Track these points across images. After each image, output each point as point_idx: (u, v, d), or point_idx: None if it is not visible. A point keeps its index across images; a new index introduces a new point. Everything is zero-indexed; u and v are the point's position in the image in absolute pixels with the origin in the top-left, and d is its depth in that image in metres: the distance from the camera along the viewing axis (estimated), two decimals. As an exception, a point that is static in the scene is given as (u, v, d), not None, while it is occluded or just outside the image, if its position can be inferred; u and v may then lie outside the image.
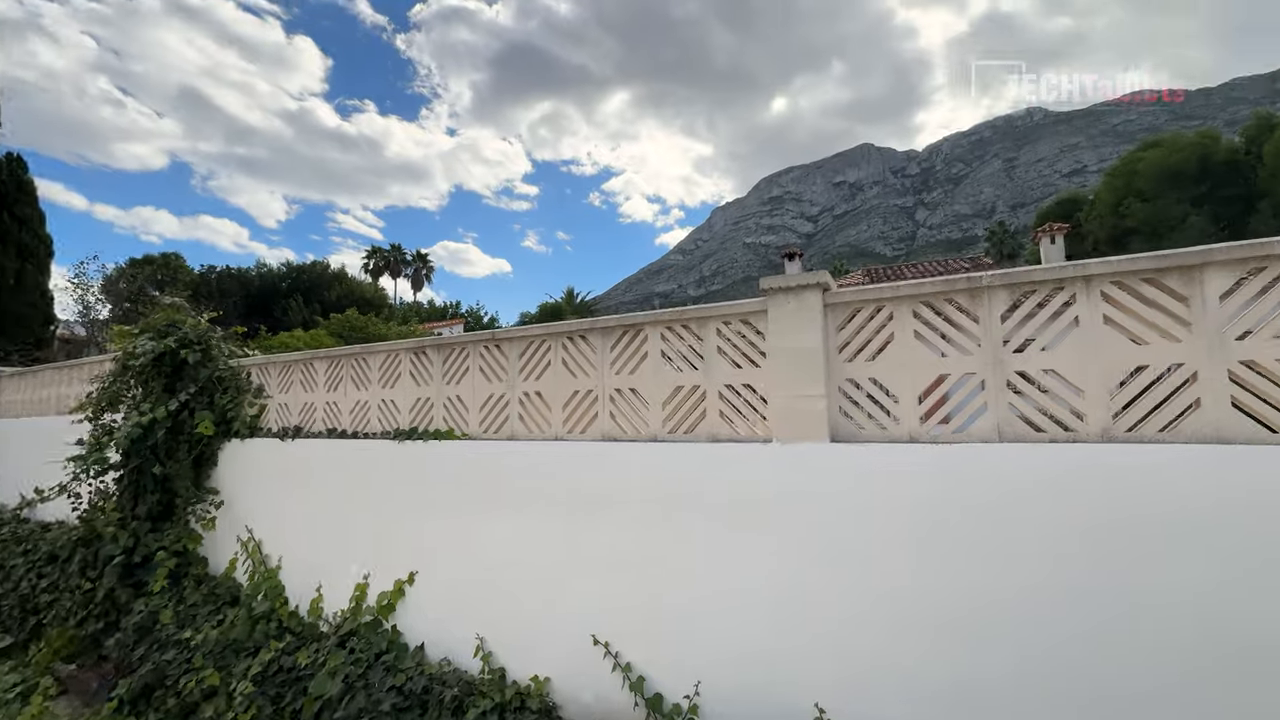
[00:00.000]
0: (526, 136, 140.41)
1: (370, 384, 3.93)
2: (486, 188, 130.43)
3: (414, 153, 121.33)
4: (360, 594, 3.56)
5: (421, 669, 3.10)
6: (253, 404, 4.63)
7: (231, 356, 5.00)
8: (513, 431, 3.25)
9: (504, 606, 3.05)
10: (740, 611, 2.40)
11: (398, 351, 3.80)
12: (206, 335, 4.92)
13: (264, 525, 4.24)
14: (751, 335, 2.60)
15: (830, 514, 2.25)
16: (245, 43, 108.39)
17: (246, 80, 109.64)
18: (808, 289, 2.41)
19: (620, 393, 2.93)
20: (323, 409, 4.21)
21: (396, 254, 58.78)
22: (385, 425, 3.81)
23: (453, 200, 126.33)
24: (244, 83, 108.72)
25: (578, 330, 3.08)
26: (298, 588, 3.92)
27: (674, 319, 2.78)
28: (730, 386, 2.63)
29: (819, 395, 2.34)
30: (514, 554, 3.04)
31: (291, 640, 3.54)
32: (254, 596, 4.01)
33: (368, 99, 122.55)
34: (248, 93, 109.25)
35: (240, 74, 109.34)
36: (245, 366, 4.82)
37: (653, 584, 2.62)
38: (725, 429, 2.62)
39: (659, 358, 2.83)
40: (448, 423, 3.52)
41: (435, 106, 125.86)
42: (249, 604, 3.98)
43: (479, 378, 3.41)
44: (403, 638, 3.38)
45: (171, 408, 4.48)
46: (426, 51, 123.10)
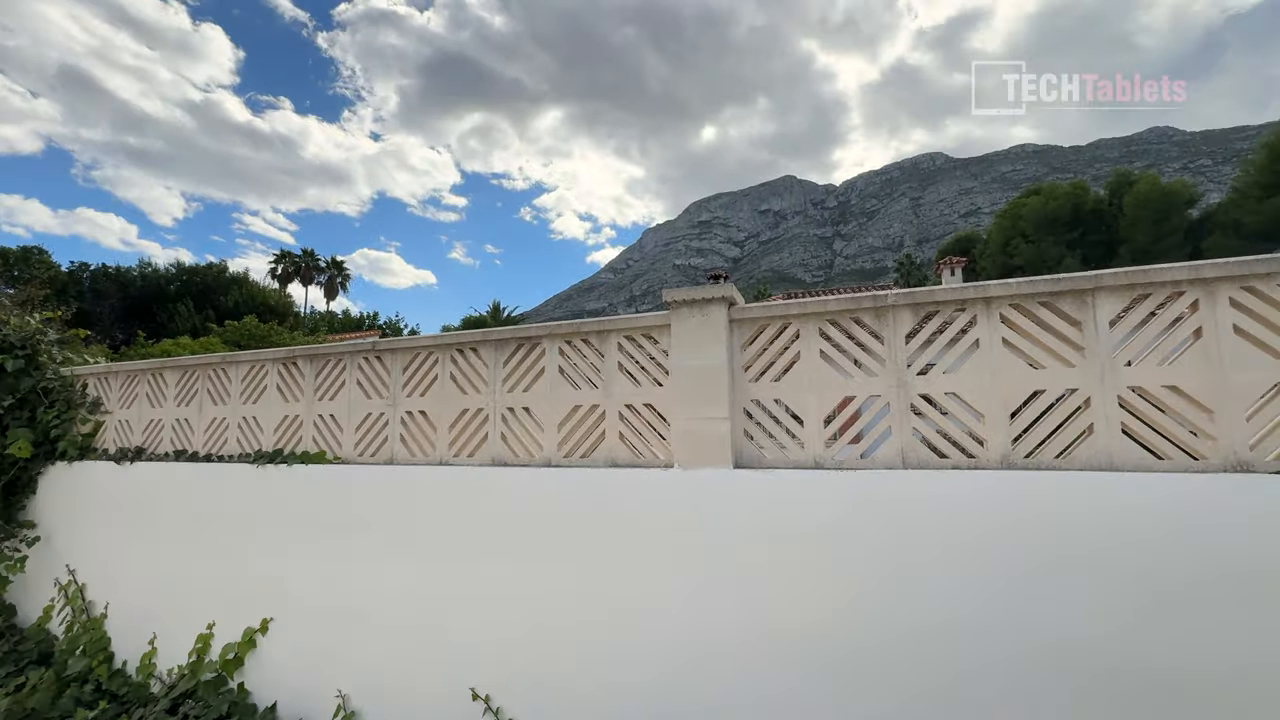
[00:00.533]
0: (456, 147, 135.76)
1: (230, 398, 3.41)
2: (412, 196, 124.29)
3: (334, 155, 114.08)
4: (203, 646, 3.02)
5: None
6: (85, 420, 3.93)
7: (65, 364, 4.26)
8: (393, 454, 2.88)
9: (375, 655, 2.65)
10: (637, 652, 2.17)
11: (264, 362, 3.32)
12: (34, 338, 4.18)
13: (90, 566, 3.57)
14: (655, 351, 2.41)
15: (730, 546, 2.07)
16: (143, 25, 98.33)
17: (142, 65, 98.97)
18: (712, 303, 2.25)
19: (513, 412, 2.65)
20: (171, 426, 3.61)
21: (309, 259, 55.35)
22: (246, 446, 3.30)
23: (375, 207, 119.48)
24: (139, 68, 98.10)
25: (469, 342, 2.78)
26: (128, 641, 3.29)
27: (573, 332, 2.55)
28: (631, 407, 2.42)
29: (722, 417, 2.18)
30: (386, 596, 2.66)
31: (109, 707, 2.94)
32: (70, 653, 3.34)
33: (284, 96, 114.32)
34: (143, 79, 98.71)
35: (135, 58, 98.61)
36: (80, 376, 4.11)
37: (544, 625, 2.34)
38: (625, 453, 2.40)
39: (556, 374, 2.58)
40: (318, 444, 3.08)
41: (359, 109, 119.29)
42: (64, 661, 3.31)
43: (357, 393, 3.02)
44: (250, 697, 2.89)
45: (-24, 425, 3.72)
46: (351, 52, 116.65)
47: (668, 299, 2.32)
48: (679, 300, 2.30)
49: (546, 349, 2.61)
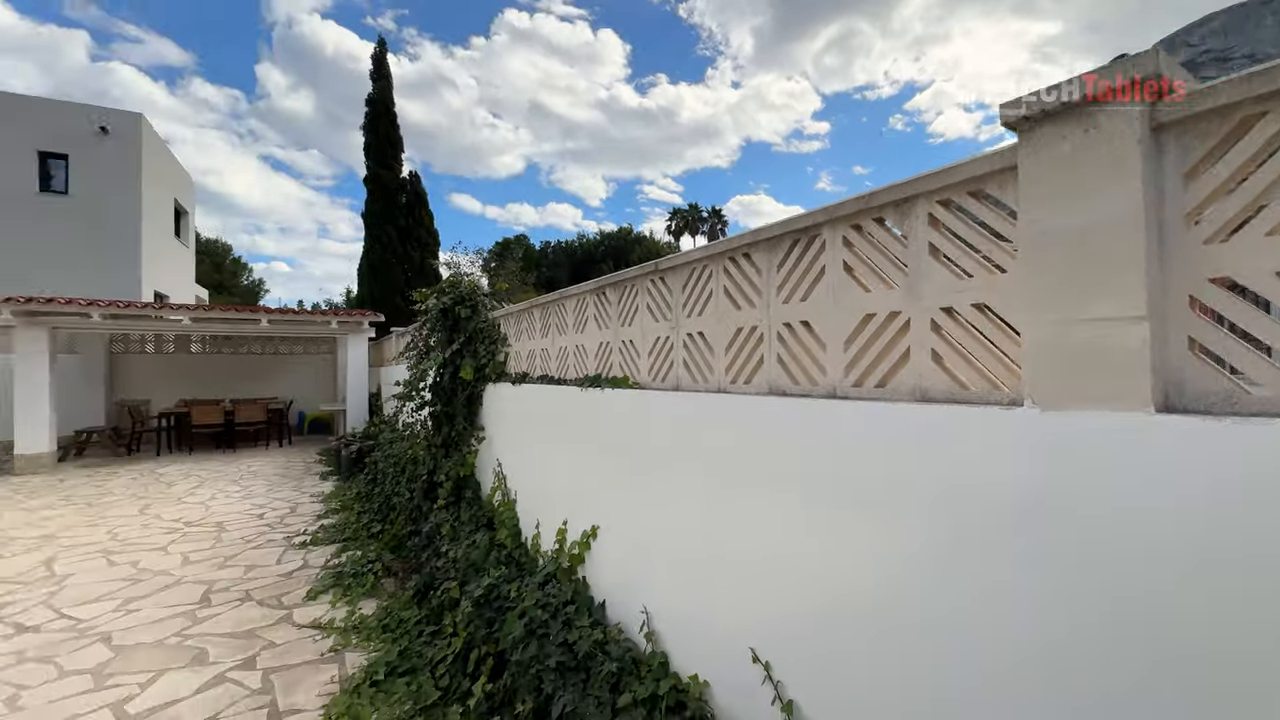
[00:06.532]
0: (812, 71, 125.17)
1: (567, 330, 3.84)
2: (775, 134, 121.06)
3: (703, 113, 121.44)
4: (561, 540, 3.57)
5: (595, 630, 2.90)
6: (499, 352, 5.12)
7: (492, 310, 5.62)
8: (678, 380, 2.70)
9: (664, 589, 2.60)
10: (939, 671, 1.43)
11: (584, 294, 3.59)
12: (474, 294, 5.62)
13: (507, 461, 4.66)
14: (991, 216, 1.47)
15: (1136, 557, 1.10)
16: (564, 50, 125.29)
17: (569, 83, 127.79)
18: (1106, 105, 1.18)
19: (790, 328, 2.08)
20: (539, 355, 4.35)
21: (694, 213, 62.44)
22: (577, 371, 3.68)
23: (743, 154, 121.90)
24: (567, 85, 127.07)
25: (739, 247, 2.30)
26: (525, 523, 4.20)
27: (860, 210, 1.79)
28: (950, 312, 1.55)
29: (1131, 316, 1.15)
30: (676, 527, 2.54)
31: (509, 571, 3.78)
32: (501, 525, 4.46)
33: (659, 73, 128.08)
34: (570, 93, 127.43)
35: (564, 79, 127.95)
36: (496, 319, 5.36)
37: (826, 602, 1.80)
38: (941, 380, 1.57)
39: (841, 274, 1.87)
40: (623, 369, 3.16)
41: (719, 64, 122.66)
42: (495, 530, 4.45)
43: (647, 318, 2.93)
44: (589, 590, 3.26)
45: (447, 355, 5.26)
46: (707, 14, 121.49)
47: (1007, 117, 1.33)
48: (1034, 113, 1.29)
49: (827, 240, 1.92)
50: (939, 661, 1.47)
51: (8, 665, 3.49)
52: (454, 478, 5.20)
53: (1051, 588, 1.24)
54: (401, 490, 6.00)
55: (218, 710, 3.04)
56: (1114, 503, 1.15)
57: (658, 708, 2.32)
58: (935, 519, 1.47)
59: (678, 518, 2.51)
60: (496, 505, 4.65)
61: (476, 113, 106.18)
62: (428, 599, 4.23)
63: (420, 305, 5.71)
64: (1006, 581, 1.31)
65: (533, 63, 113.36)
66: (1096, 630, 1.16)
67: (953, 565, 1.43)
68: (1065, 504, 1.22)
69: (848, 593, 1.72)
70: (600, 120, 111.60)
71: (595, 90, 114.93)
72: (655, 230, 62.85)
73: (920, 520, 1.51)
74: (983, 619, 1.36)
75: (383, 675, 3.29)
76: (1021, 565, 1.29)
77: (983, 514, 1.37)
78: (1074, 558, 1.20)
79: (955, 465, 1.44)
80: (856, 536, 1.69)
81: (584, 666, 2.74)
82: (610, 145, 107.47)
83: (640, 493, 2.80)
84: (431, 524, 4.92)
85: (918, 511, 1.51)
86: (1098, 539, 1.16)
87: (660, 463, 2.65)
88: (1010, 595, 1.31)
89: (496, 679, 3.02)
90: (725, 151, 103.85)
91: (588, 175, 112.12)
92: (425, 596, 4.29)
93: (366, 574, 4.80)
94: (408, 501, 5.71)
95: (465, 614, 3.51)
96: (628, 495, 2.91)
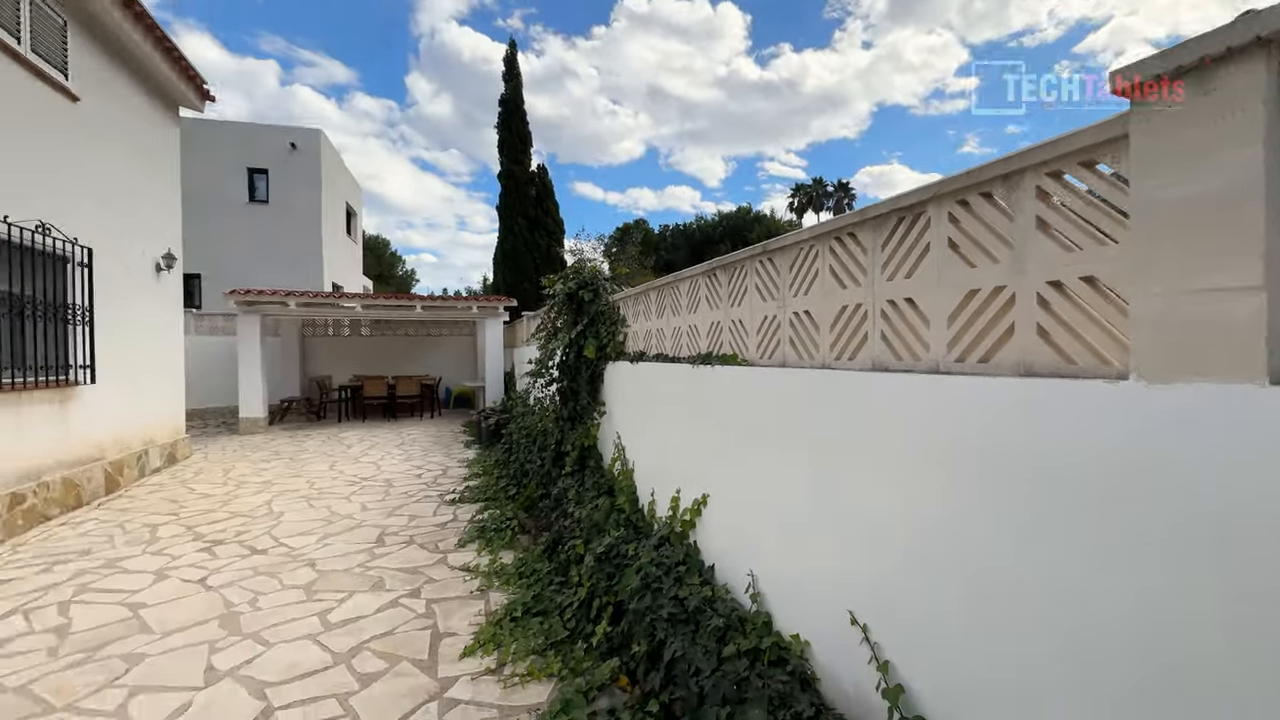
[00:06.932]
0: (958, 20, 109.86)
1: (680, 310, 4.05)
2: (912, 96, 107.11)
3: (829, 81, 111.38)
4: (674, 507, 3.83)
5: (704, 588, 3.13)
6: (619, 333, 5.47)
7: (612, 294, 5.99)
8: (784, 358, 2.80)
9: (769, 555, 2.75)
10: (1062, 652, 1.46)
11: (696, 276, 3.77)
12: (596, 279, 6.02)
13: (626, 433, 5.02)
14: (1101, 186, 1.43)
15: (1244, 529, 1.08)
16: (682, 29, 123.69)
17: (687, 62, 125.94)
18: (1227, 63, 1.13)
19: (894, 305, 2.11)
20: (655, 335, 4.61)
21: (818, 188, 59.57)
22: (690, 350, 3.88)
23: (874, 121, 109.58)
24: (685, 66, 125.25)
25: (845, 226, 2.35)
26: (642, 491, 4.52)
27: (967, 186, 1.78)
28: (1057, 285, 1.53)
29: (1245, 286, 1.11)
30: (780, 501, 2.68)
31: (627, 532, 4.12)
32: (620, 492, 4.84)
33: (783, 42, 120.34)
34: (688, 73, 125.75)
35: (682, 58, 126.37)
36: (616, 302, 5.71)
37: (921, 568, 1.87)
38: (1046, 355, 1.56)
39: (945, 250, 1.88)
40: (732, 347, 3.31)
41: (847, 25, 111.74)
42: (618, 496, 4.84)
43: (755, 297, 3.05)
44: (700, 555, 3.49)
45: (572, 336, 5.72)
46: None
47: (1119, 84, 1.30)
48: (1148, 77, 1.25)
49: (932, 217, 1.93)
50: (1027, 627, 1.50)
51: (247, 577, 4.49)
52: (578, 447, 5.68)
53: (1153, 560, 1.24)
54: (533, 458, 6.64)
55: (394, 626, 3.71)
56: (1221, 476, 1.13)
57: (759, 660, 2.50)
58: (1034, 491, 1.49)
59: (782, 488, 2.65)
60: (616, 474, 5.03)
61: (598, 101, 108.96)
62: (556, 553, 4.73)
63: (548, 290, 6.22)
64: (1103, 553, 1.32)
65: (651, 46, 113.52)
66: (1195, 602, 1.16)
67: (1047, 535, 1.45)
68: (1169, 477, 1.21)
69: (942, 559, 1.78)
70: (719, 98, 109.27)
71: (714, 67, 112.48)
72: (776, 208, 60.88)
73: (1018, 492, 1.53)
74: (1076, 588, 1.38)
75: (520, 614, 3.79)
76: (1119, 537, 1.29)
77: (1083, 486, 1.38)
78: (1177, 530, 1.19)
79: (1057, 438, 1.45)
80: (952, 506, 1.73)
81: (693, 619, 2.98)
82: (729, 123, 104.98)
83: (747, 464, 2.96)
84: (559, 488, 5.44)
85: (1016, 483, 1.54)
86: (1202, 512, 1.15)
87: (766, 435, 2.79)
88: (1107, 566, 1.32)
89: (615, 625, 3.36)
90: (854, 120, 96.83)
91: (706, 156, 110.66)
92: (554, 551, 4.80)
93: (505, 529, 5.44)
94: (539, 468, 6.32)
95: (589, 567, 3.91)
96: (736, 466, 3.08)
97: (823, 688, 2.32)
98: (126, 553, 5.04)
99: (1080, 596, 1.38)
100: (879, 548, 2.05)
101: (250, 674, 3.15)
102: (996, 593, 1.59)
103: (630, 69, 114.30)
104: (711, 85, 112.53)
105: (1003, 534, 1.58)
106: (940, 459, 1.79)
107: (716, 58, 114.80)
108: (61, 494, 6.12)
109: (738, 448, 3.06)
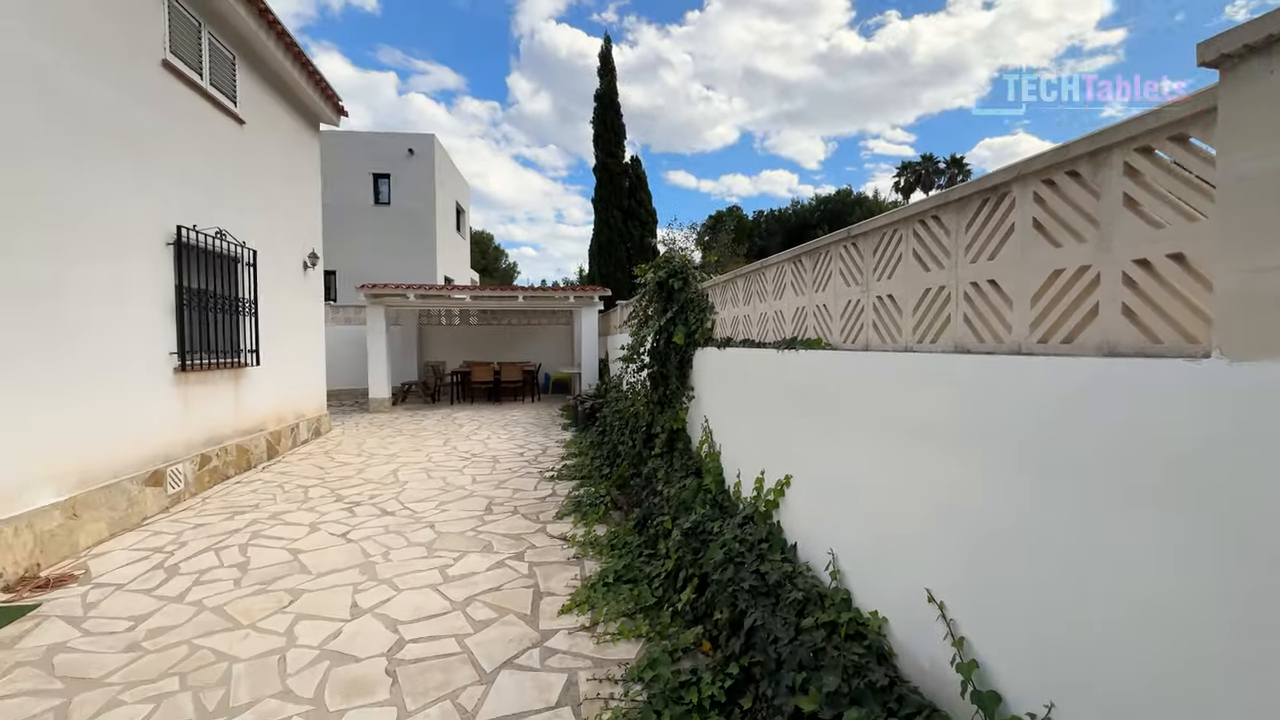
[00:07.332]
0: None
1: (766, 296, 4.12)
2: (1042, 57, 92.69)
3: (943, 46, 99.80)
4: (759, 487, 3.95)
5: (785, 564, 3.24)
6: (707, 319, 5.60)
7: (701, 282, 6.13)
8: (867, 341, 2.83)
9: (850, 535, 2.81)
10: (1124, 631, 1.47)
11: (782, 262, 3.82)
12: (685, 268, 6.19)
13: (713, 417, 5.17)
14: (1191, 160, 1.39)
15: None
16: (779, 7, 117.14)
17: (785, 41, 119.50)
18: (1324, 28, 1.09)
19: (977, 287, 2.11)
20: (742, 321, 4.70)
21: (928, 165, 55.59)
22: (776, 334, 3.95)
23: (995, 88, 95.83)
24: (782, 44, 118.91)
25: (929, 210, 2.35)
26: (728, 472, 4.67)
27: (1052, 165, 1.76)
28: (1144, 263, 1.50)
29: (1335, 260, 1.08)
30: (862, 483, 2.73)
31: (712, 511, 4.29)
32: (707, 472, 5.02)
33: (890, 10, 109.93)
34: (785, 52, 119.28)
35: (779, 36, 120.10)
36: (704, 290, 5.85)
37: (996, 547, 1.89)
38: (1130, 333, 1.54)
39: (1029, 230, 1.87)
40: (817, 331, 3.35)
41: None
42: (705, 477, 5.02)
43: (839, 282, 3.08)
44: (782, 533, 3.59)
45: (662, 323, 5.93)
46: None
47: (1206, 57, 1.26)
48: (1236, 48, 1.22)
49: (1016, 198, 1.91)
50: (1104, 605, 1.51)
51: (380, 533, 5.17)
52: (668, 430, 5.91)
53: (1241, 540, 1.23)
54: (625, 440, 6.96)
55: (501, 583, 4.15)
56: (1303, 454, 1.12)
57: (836, 632, 2.59)
58: (1112, 470, 1.49)
59: (864, 468, 2.70)
60: (704, 455, 5.20)
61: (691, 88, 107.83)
62: (646, 528, 5.00)
63: (640, 279, 6.47)
64: (1183, 531, 1.32)
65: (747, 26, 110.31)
66: (1273, 581, 1.15)
67: (1126, 514, 1.45)
68: (1251, 455, 1.20)
69: (1017, 538, 1.79)
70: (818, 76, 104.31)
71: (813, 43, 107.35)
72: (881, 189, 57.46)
73: (1099, 471, 1.53)
74: (1159, 566, 1.38)
75: (611, 580, 4.09)
76: (1200, 515, 1.29)
77: (1163, 465, 1.37)
78: (1261, 508, 1.19)
79: (1140, 417, 1.44)
80: (1031, 485, 1.75)
81: (774, 593, 3.11)
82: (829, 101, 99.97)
83: (830, 446, 3.02)
84: (649, 468, 5.71)
85: (1098, 463, 1.54)
86: None
87: (849, 418, 2.84)
88: (1185, 545, 1.32)
89: (699, 595, 3.56)
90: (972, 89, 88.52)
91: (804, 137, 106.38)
92: (644, 526, 5.07)
93: (598, 505, 5.79)
94: (630, 449, 6.63)
95: (676, 541, 4.13)
96: (819, 448, 3.15)
97: (899, 662, 2.38)
98: (286, 508, 5.95)
99: (1160, 575, 1.38)
100: (957, 526, 2.08)
101: (385, 612, 3.69)
102: (1075, 570, 1.61)
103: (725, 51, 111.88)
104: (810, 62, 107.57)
105: (1082, 513, 1.59)
106: (1021, 439, 1.80)
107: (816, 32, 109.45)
108: (236, 457, 7.29)
109: (821, 430, 3.13)
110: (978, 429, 1.99)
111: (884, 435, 2.54)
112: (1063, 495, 1.64)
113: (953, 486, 2.09)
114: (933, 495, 2.21)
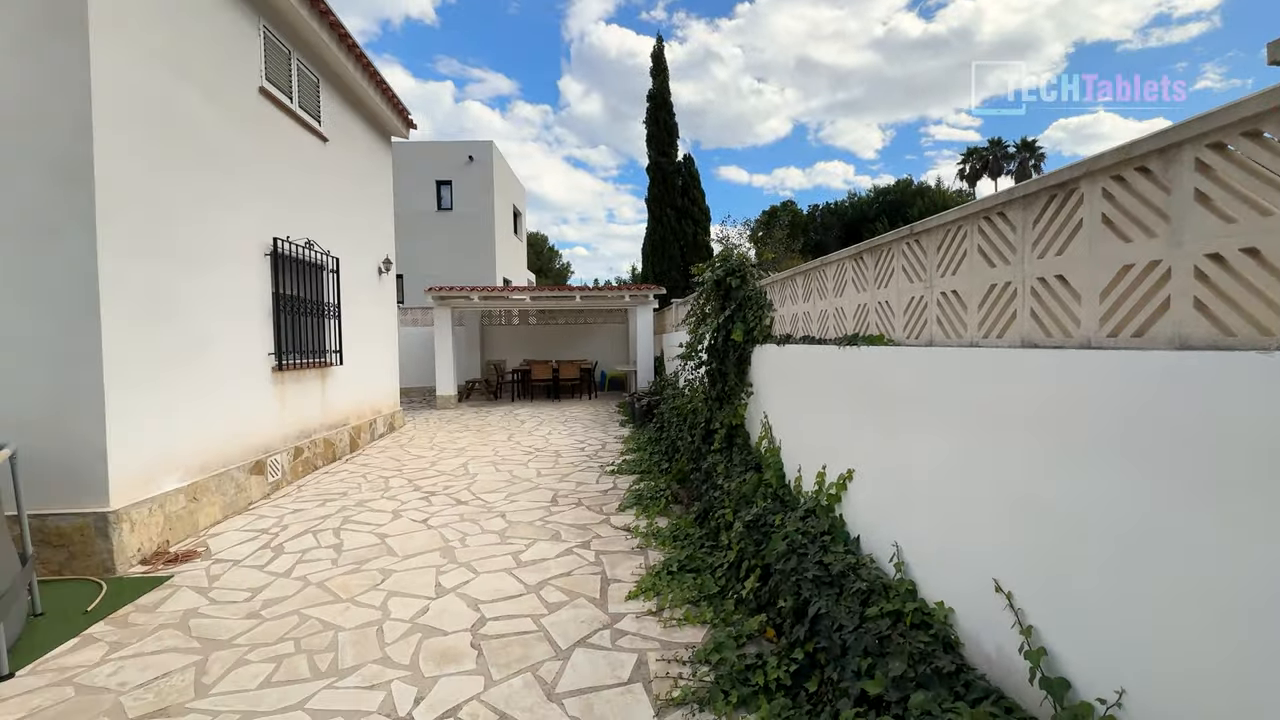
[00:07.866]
0: None
1: (826, 294, 4.16)
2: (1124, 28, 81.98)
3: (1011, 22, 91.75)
4: (820, 481, 4.01)
5: (848, 556, 3.31)
6: (765, 317, 5.67)
7: (759, 279, 6.20)
8: (931, 337, 2.86)
9: (914, 527, 2.86)
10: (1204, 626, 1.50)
11: (842, 260, 3.86)
12: (743, 266, 6.27)
13: (773, 413, 5.24)
14: (1267, 156, 1.40)
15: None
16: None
17: (837, 27, 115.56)
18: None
19: (1044, 283, 2.13)
20: (801, 318, 4.75)
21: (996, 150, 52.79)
22: (837, 331, 3.99)
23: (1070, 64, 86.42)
24: (835, 30, 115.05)
25: (994, 206, 2.38)
26: (788, 467, 4.74)
27: (1122, 161, 1.78)
28: (1216, 258, 1.52)
29: None
30: (925, 476, 2.78)
31: (773, 504, 4.38)
32: (767, 467, 5.10)
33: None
34: (840, 39, 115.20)
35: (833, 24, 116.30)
36: (762, 287, 5.91)
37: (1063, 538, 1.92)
38: (1202, 327, 1.56)
39: (1098, 226, 1.89)
40: (878, 328, 3.39)
41: None
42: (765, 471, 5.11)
43: (902, 279, 3.12)
44: (845, 526, 3.65)
45: (720, 320, 6.04)
46: None
47: (1277, 56, 1.29)
48: (1309, 50, 1.24)
49: (1085, 194, 1.94)
50: (1177, 596, 1.54)
51: (455, 521, 5.53)
52: (726, 426, 6.01)
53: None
54: (684, 435, 7.11)
55: (571, 569, 4.39)
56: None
57: (901, 621, 2.65)
58: (1184, 461, 1.53)
59: (928, 462, 2.74)
60: (763, 451, 5.28)
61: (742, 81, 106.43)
62: (707, 520, 5.13)
63: (697, 278, 6.59)
64: (1259, 522, 1.35)
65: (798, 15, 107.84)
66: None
67: (1199, 504, 1.48)
68: (1324, 446, 1.23)
69: (1087, 529, 1.83)
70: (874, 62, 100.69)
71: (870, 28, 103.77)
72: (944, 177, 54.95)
73: (1171, 463, 1.57)
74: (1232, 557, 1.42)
75: (675, 569, 4.25)
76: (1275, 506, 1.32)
77: (1238, 456, 1.40)
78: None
79: (1213, 410, 1.47)
80: (1105, 477, 1.78)
81: (837, 583, 3.18)
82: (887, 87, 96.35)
83: (892, 440, 3.07)
84: (709, 463, 5.83)
85: (1168, 454, 1.57)
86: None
87: (912, 412, 2.88)
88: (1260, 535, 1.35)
89: (762, 584, 3.67)
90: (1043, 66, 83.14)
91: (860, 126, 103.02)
92: (705, 519, 5.21)
93: (659, 498, 5.97)
94: (689, 445, 6.77)
95: (737, 533, 4.25)
96: (881, 442, 3.20)
97: (965, 650, 2.42)
98: (370, 496, 6.44)
99: (1235, 565, 1.41)
100: (1024, 518, 2.11)
101: (466, 592, 3.99)
102: (1146, 560, 1.64)
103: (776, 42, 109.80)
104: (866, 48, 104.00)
105: (1151, 505, 1.62)
106: (1092, 431, 1.83)
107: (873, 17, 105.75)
108: (324, 450, 7.91)
109: (884, 425, 3.18)
110: (1046, 422, 2.02)
111: (949, 429, 2.58)
112: (1135, 486, 1.67)
113: (1021, 479, 2.13)
114: (1001, 487, 2.24)
